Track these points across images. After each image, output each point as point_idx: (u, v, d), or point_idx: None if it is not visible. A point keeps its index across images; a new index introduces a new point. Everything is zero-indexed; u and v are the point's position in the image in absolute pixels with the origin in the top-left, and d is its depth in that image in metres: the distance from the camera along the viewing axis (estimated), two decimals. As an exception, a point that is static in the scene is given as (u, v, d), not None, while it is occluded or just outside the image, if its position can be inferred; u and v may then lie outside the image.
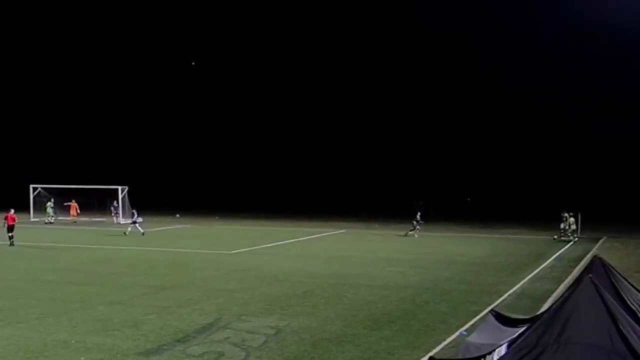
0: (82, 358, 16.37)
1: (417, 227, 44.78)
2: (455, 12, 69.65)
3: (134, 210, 47.04)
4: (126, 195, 58.62)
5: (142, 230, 45.12)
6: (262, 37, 76.75)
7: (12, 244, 38.29)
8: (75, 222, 57.40)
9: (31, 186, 60.70)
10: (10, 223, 39.19)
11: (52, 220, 56.47)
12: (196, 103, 78.74)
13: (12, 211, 39.90)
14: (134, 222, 45.64)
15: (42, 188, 60.74)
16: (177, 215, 59.14)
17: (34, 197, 60.31)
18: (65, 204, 59.04)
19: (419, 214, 45.16)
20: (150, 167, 75.20)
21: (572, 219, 43.90)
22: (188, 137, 78.20)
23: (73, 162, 74.38)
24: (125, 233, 45.11)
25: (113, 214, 58.04)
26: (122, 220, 57.06)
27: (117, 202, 57.86)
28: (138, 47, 79.11)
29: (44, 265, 28.98)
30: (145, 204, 59.94)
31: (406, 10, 71.31)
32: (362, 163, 73.43)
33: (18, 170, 70.24)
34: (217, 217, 60.31)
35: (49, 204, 57.64)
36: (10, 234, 38.80)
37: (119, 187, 58.29)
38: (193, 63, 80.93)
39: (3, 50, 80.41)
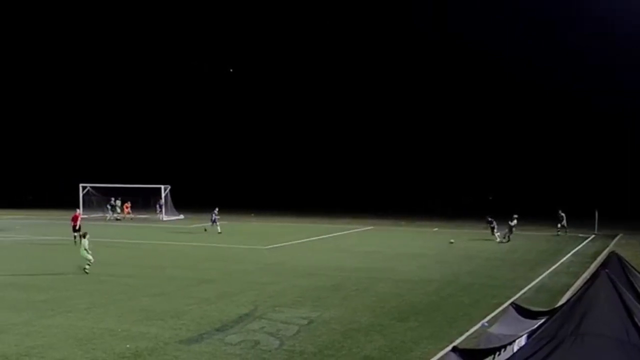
0: (128, 345, 16.47)
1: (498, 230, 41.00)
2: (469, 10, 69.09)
3: (215, 211, 45.14)
4: (169, 194, 58.98)
5: (219, 229, 44.15)
6: (289, 41, 76.74)
7: (75, 243, 36.69)
8: (131, 218, 57.90)
9: (81, 185, 61.25)
10: (75, 223, 38.29)
11: (120, 217, 57.22)
12: (234, 107, 78.95)
13: (78, 211, 39.72)
14: (214, 221, 44.34)
15: (90, 187, 61.29)
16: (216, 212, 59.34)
17: (83, 196, 60.85)
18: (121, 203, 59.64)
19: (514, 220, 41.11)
20: (191, 168, 75.54)
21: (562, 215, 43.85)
22: (226, 139, 78.39)
23: (120, 163, 74.94)
24: (205, 229, 44.78)
25: (158, 212, 58.40)
26: (165, 217, 57.41)
27: (161, 201, 58.26)
28: (181, 54, 79.54)
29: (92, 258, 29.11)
30: (186, 202, 60.35)
31: (418, 6, 70.79)
32: (390, 163, 73.18)
33: (69, 170, 70.84)
34: (253, 214, 60.43)
35: (117, 202, 58.40)
36: (75, 234, 37.56)
37: (162, 186, 58.64)
38: (231, 70, 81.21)
39: (56, 54, 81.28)
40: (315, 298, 22.50)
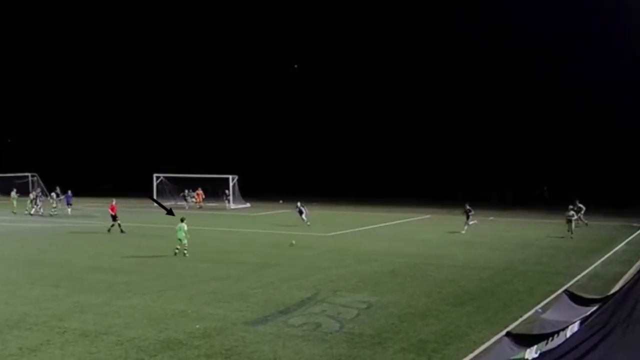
0: (197, 326, 16.69)
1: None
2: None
3: (298, 204, 42.76)
4: (236, 184, 59.50)
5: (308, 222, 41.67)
6: (347, 38, 76.47)
7: (122, 231, 37.31)
8: (199, 207, 58.69)
9: (154, 175, 62.24)
10: (113, 212, 38.09)
11: (198, 206, 58.11)
12: (298, 102, 79.14)
13: (114, 201, 39.54)
14: (301, 212, 41.95)
15: (164, 177, 62.28)
16: (281, 201, 59.59)
17: (157, 185, 61.85)
18: (194, 192, 60.46)
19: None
20: (257, 158, 76.02)
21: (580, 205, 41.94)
22: (291, 131, 78.69)
23: (191, 154, 75.91)
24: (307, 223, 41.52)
25: (225, 200, 58.97)
26: (232, 206, 57.93)
27: (228, 190, 58.73)
28: (246, 50, 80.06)
29: (164, 243, 29.65)
30: (253, 191, 60.82)
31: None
32: (448, 154, 72.48)
33: (144, 161, 72.07)
34: (315, 203, 60.58)
35: (190, 192, 59.44)
36: (114, 222, 37.67)
37: (230, 176, 59.16)
38: (295, 66, 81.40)
39: (131, 50, 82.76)
40: (374, 283, 22.46)
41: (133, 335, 15.83)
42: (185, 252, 28.43)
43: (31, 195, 54.23)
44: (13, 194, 56.00)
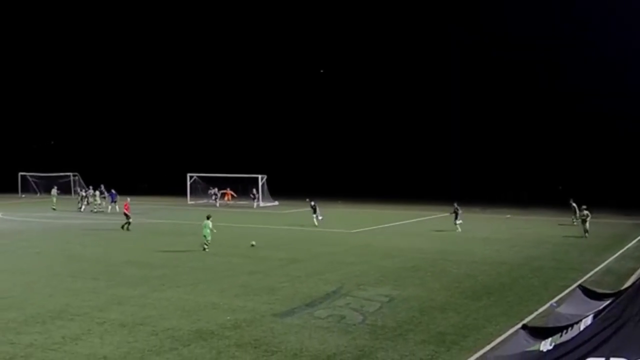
0: (228, 317, 16.80)
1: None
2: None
3: (312, 202, 41.45)
4: (265, 183, 59.58)
5: (320, 218, 40.38)
6: (374, 38, 76.29)
7: (128, 229, 37.06)
8: (226, 204, 58.85)
9: (188, 174, 62.56)
10: (127, 210, 37.98)
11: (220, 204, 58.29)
12: (323, 104, 79.16)
13: (129, 200, 39.71)
14: (315, 211, 40.45)
15: (197, 176, 62.57)
16: (307, 200, 59.62)
17: (191, 184, 62.13)
18: (222, 191, 60.61)
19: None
20: (285, 158, 76.13)
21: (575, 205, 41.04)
22: (317, 133, 78.70)
23: (222, 154, 76.20)
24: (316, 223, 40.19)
25: (252, 199, 58.61)
26: (261, 204, 57.93)
27: (256, 189, 58.28)
28: (275, 53, 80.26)
29: (196, 240, 29.83)
30: (281, 189, 60.90)
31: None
32: (467, 154, 72.06)
33: (178, 161, 72.49)
34: (340, 201, 60.50)
35: (215, 190, 59.67)
36: (128, 220, 37.39)
37: (259, 176, 59.26)
38: (322, 70, 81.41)
39: (163, 54, 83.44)
40: (396, 278, 22.44)
41: (168, 326, 15.98)
42: (206, 247, 28.57)
43: (82, 193, 54.91)
44: (54, 191, 56.63)
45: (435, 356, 13.87)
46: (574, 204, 40.63)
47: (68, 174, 69.80)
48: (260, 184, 58.85)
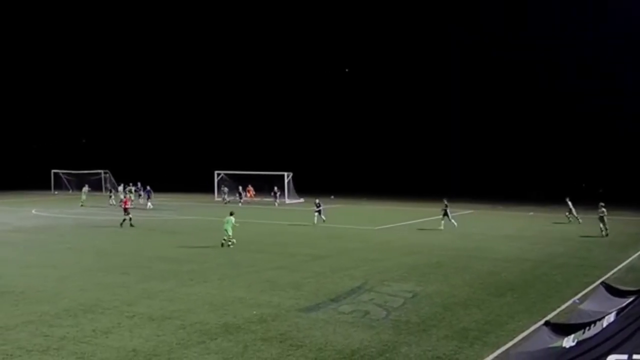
0: (254, 312, 16.86)
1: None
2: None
3: (317, 200, 40.32)
4: (291, 180, 59.67)
5: (323, 218, 39.48)
6: (400, 38, 76.08)
7: (130, 225, 36.92)
8: (247, 202, 58.91)
9: (215, 172, 62.87)
10: (125, 206, 37.96)
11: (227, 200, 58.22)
12: (348, 104, 79.13)
13: (128, 196, 39.56)
14: (319, 211, 39.53)
15: (224, 174, 62.86)
16: (332, 197, 59.60)
17: (218, 181, 62.41)
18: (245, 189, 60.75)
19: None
20: (310, 156, 76.24)
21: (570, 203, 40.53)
22: (342, 131, 78.71)
23: (249, 152, 76.51)
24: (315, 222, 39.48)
25: (273, 196, 57.70)
26: (286, 201, 57.90)
27: (277, 187, 57.51)
28: (300, 52, 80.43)
29: (221, 236, 29.89)
30: (306, 187, 60.97)
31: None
32: (490, 151, 71.64)
33: (205, 159, 72.88)
34: (364, 199, 60.46)
35: (223, 188, 59.80)
36: (126, 216, 37.31)
37: (285, 173, 59.36)
38: (347, 70, 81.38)
39: (189, 56, 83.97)
40: (419, 274, 22.36)
41: (195, 320, 16.08)
42: (230, 243, 28.69)
43: (120, 189, 55.51)
44: (85, 189, 57.23)
45: (458, 352, 13.80)
46: (569, 202, 40.23)
47: (99, 171, 70.55)
48: (286, 181, 58.97)
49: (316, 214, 39.39)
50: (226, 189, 59.63)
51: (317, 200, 40.22)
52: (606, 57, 64.19)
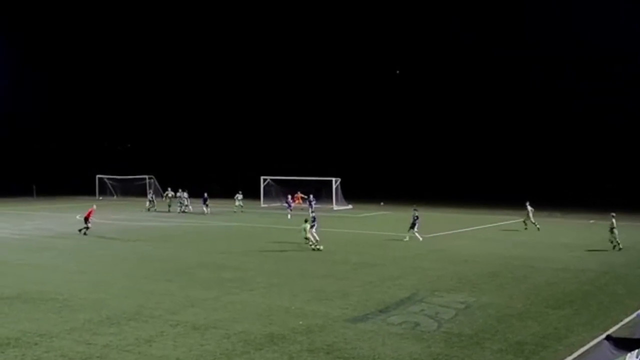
0: (300, 322, 16.85)
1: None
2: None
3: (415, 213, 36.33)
4: (339, 186, 59.57)
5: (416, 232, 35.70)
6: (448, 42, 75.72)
7: (84, 233, 36.58)
8: (295, 208, 58.83)
9: (262, 177, 63.19)
10: (88, 215, 37.17)
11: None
12: (398, 108, 78.95)
13: (94, 206, 39.05)
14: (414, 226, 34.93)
15: (270, 179, 63.13)
16: (381, 204, 59.31)
17: (264, 187, 62.67)
18: (293, 195, 60.66)
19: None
20: (360, 162, 76.22)
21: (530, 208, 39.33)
22: (393, 137, 78.59)
23: (296, 157, 76.88)
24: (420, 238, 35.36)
25: (309, 204, 56.69)
26: (335, 207, 57.72)
27: (312, 195, 56.45)
28: (350, 56, 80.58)
29: (267, 242, 30.06)
30: (355, 193, 60.82)
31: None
32: (547, 157, 70.75)
33: (252, 165, 73.45)
34: (415, 206, 59.98)
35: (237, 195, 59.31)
36: (86, 225, 36.80)
37: (333, 179, 59.30)
38: (397, 72, 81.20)
39: (235, 63, 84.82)
40: (473, 284, 22.08)
41: (240, 329, 16.15)
42: (311, 245, 29.84)
43: (177, 194, 55.95)
44: (149, 196, 57.91)
45: (513, 366, 13.57)
46: (529, 207, 39.24)
47: (144, 176, 71.61)
48: (334, 187, 58.89)
49: (411, 230, 34.94)
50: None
51: (415, 213, 35.82)
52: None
